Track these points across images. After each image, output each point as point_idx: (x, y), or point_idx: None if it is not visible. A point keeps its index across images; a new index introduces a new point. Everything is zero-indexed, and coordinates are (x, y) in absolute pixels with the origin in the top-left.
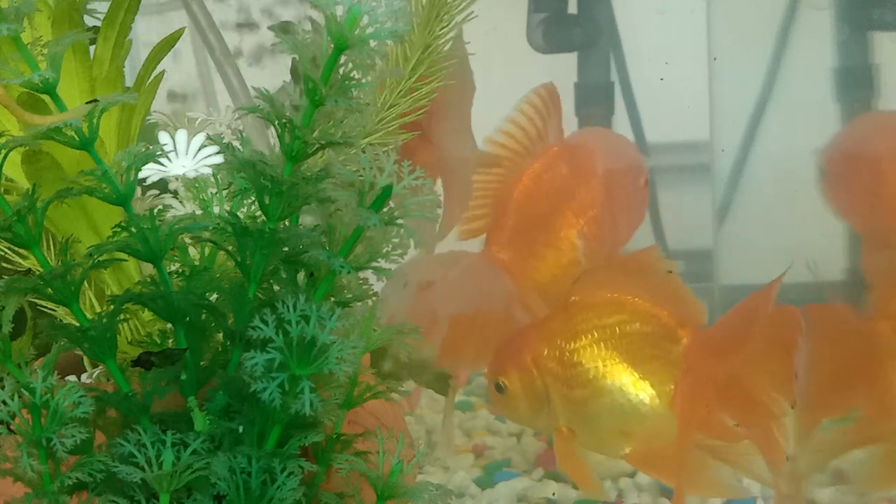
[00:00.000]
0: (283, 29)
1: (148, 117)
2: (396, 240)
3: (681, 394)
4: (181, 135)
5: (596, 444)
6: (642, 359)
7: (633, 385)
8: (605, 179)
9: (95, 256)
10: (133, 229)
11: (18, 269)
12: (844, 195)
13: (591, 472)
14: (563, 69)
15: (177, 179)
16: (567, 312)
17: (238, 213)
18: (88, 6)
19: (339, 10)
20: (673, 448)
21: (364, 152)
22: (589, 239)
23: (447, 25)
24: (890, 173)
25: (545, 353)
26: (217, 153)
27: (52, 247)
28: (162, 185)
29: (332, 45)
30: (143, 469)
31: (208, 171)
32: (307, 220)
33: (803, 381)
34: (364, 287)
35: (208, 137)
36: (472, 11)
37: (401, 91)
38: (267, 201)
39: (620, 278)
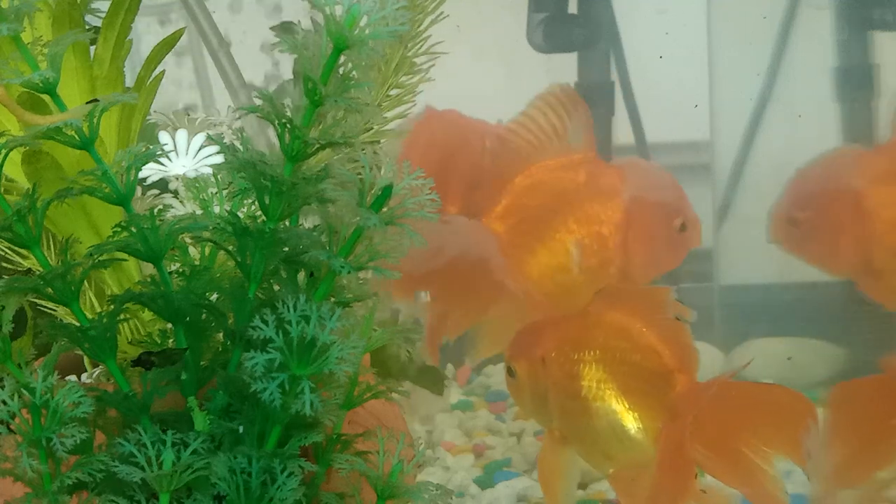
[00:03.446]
0: (285, 29)
1: (148, 117)
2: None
3: (665, 438)
4: (181, 135)
5: (584, 456)
6: (634, 391)
7: (619, 414)
8: (630, 205)
9: (95, 256)
10: (133, 229)
11: (18, 269)
12: (826, 240)
13: (563, 490)
14: (563, 69)
15: (177, 179)
16: (583, 321)
17: (238, 213)
18: (89, 6)
19: (339, 10)
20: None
21: (363, 151)
22: (588, 254)
23: (420, 25)
24: (871, 204)
25: (553, 354)
26: (217, 153)
27: (52, 247)
28: (162, 185)
29: (332, 45)
30: (143, 469)
31: (208, 171)
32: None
33: (821, 458)
34: (364, 287)
35: (208, 137)
36: (442, 12)
37: (387, 89)
38: (267, 201)
39: (636, 305)
